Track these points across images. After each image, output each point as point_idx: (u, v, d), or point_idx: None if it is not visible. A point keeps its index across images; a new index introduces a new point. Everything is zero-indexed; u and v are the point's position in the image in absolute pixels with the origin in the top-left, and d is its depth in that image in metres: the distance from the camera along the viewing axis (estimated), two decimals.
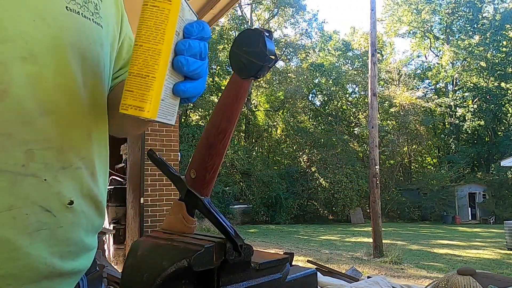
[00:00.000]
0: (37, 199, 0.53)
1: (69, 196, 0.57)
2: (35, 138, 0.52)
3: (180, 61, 0.51)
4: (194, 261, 0.43)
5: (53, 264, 0.56)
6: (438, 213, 24.36)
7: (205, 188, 0.53)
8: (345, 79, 28.89)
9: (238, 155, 22.79)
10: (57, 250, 0.57)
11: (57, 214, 0.55)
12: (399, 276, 7.56)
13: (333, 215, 24.64)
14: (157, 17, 0.51)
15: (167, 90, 0.53)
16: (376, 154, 10.47)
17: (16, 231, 0.51)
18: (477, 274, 1.73)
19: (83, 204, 0.61)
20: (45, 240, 0.54)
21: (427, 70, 33.21)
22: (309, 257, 8.83)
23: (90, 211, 0.63)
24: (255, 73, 0.47)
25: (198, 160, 0.53)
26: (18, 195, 0.51)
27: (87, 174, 0.62)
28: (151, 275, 0.44)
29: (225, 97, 0.51)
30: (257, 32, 0.46)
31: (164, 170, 0.55)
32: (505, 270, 8.12)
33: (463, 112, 30.36)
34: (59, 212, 0.56)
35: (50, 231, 0.55)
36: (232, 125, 0.51)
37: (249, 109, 26.56)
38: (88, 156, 0.62)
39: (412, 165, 31.11)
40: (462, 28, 32.18)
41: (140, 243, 0.49)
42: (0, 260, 0.50)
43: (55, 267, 0.56)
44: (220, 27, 25.34)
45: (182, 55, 0.51)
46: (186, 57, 0.52)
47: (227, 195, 20.99)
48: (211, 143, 0.52)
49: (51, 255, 0.56)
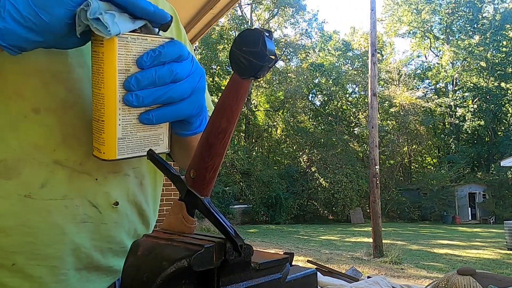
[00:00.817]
0: (87, 194, 0.60)
1: (115, 197, 0.64)
2: None
3: (127, 99, 0.52)
4: (194, 261, 0.43)
5: (93, 256, 0.62)
6: (438, 213, 24.37)
7: (205, 188, 0.53)
8: (345, 79, 28.90)
9: (238, 155, 22.80)
10: (98, 244, 0.63)
11: (102, 211, 0.62)
12: (399, 276, 7.57)
13: (333, 215, 24.66)
14: (96, 62, 0.52)
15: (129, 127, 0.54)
16: (376, 154, 10.47)
17: (66, 218, 0.58)
18: (477, 274, 1.73)
19: (128, 207, 0.67)
20: (89, 232, 0.61)
21: (427, 70, 33.23)
22: (309, 257, 8.83)
23: (133, 216, 0.69)
24: (255, 73, 0.47)
25: (198, 160, 0.53)
26: (72, 188, 0.59)
27: (135, 183, 0.68)
28: (151, 275, 0.44)
29: (225, 97, 0.51)
30: (257, 32, 0.46)
31: (164, 170, 0.55)
32: (505, 270, 8.13)
33: (463, 112, 30.38)
34: (104, 210, 0.62)
35: (94, 225, 0.61)
36: (232, 125, 0.51)
37: (249, 109, 26.57)
38: (139, 168, 0.69)
39: (412, 165, 31.13)
40: (462, 28, 32.20)
41: (140, 243, 0.49)
42: (52, 241, 0.57)
43: (94, 259, 0.63)
44: (220, 27, 25.36)
45: (130, 91, 0.52)
46: (134, 93, 0.51)
47: (227, 195, 21.00)
48: (211, 143, 0.52)
49: (93, 247, 0.62)
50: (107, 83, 0.51)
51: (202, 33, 4.58)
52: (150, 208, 0.74)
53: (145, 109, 0.55)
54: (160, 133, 0.59)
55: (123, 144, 0.54)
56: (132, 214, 0.68)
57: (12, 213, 0.55)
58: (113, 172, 0.63)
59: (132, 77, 0.51)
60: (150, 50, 0.53)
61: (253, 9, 29.13)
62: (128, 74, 0.52)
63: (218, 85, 26.04)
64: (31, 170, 0.56)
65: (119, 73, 0.51)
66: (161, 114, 0.55)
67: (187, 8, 4.10)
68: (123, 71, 0.51)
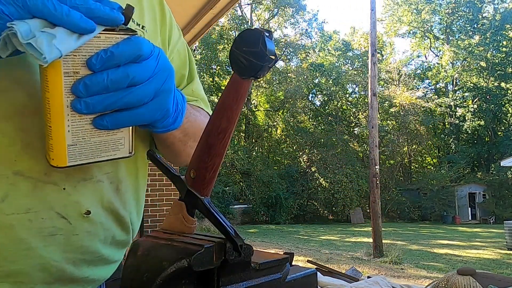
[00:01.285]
0: (54, 205, 0.56)
1: (86, 206, 0.59)
2: None
3: (75, 107, 0.46)
4: (194, 261, 0.43)
5: (65, 268, 0.59)
6: (438, 213, 24.37)
7: (205, 188, 0.53)
8: (345, 79, 28.91)
9: (238, 155, 22.80)
10: (71, 256, 0.59)
11: (73, 222, 0.58)
12: (399, 276, 7.57)
13: (333, 215, 24.66)
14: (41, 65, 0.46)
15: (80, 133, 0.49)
16: (376, 154, 10.48)
17: (31, 233, 0.54)
18: (477, 274, 1.73)
19: (102, 215, 0.63)
20: (59, 245, 0.57)
21: (427, 70, 33.23)
22: (309, 257, 8.83)
23: (109, 223, 0.65)
24: (255, 73, 0.47)
25: (198, 160, 0.53)
26: (36, 200, 0.54)
27: (110, 188, 0.64)
28: (151, 275, 0.44)
29: (225, 97, 0.50)
30: (257, 32, 0.46)
31: (164, 170, 0.55)
32: (505, 270, 8.13)
33: (463, 112, 30.38)
34: (75, 220, 0.58)
35: (65, 237, 0.58)
36: (232, 125, 0.51)
37: (249, 109, 26.57)
38: (114, 173, 0.64)
39: (412, 165, 31.13)
40: (462, 28, 32.20)
41: (140, 243, 0.49)
42: (16, 257, 0.54)
43: (67, 272, 0.59)
44: (220, 27, 25.36)
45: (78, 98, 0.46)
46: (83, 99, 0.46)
47: (227, 195, 21.00)
48: (211, 143, 0.52)
49: (64, 260, 0.58)
50: (52, 87, 0.46)
51: (202, 33, 4.57)
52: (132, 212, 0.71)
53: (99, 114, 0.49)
54: (119, 138, 0.54)
55: (74, 151, 0.50)
56: (108, 221, 0.64)
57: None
58: (83, 180, 0.59)
59: (80, 82, 0.46)
60: (101, 50, 0.47)
61: (253, 9, 29.14)
62: (77, 77, 0.46)
63: (218, 85, 26.04)
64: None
65: (66, 77, 0.46)
66: (117, 120, 0.50)
67: (187, 8, 4.10)
68: (70, 74, 0.46)
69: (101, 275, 0.67)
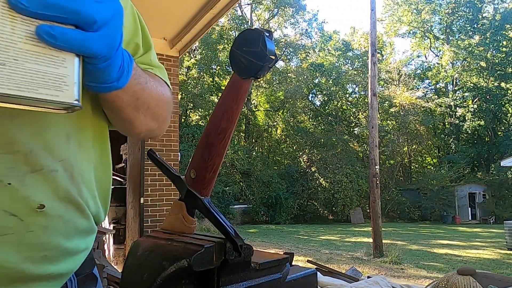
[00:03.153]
0: (1, 204, 0.51)
1: (38, 200, 0.55)
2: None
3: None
4: (194, 261, 0.44)
5: (24, 269, 0.54)
6: (438, 213, 24.37)
7: (205, 188, 0.53)
8: (345, 79, 28.91)
9: (238, 155, 22.80)
10: (28, 255, 0.55)
11: (25, 218, 0.53)
12: (399, 276, 7.56)
13: (333, 215, 24.66)
14: None
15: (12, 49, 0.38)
16: (376, 154, 10.47)
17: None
18: (477, 274, 1.73)
19: (60, 207, 0.58)
20: (12, 244, 0.53)
21: (427, 70, 33.22)
22: (309, 257, 8.83)
23: (69, 214, 0.60)
24: (255, 73, 0.47)
25: (198, 160, 0.53)
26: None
27: (65, 176, 0.58)
28: (151, 275, 0.44)
29: (225, 97, 0.50)
30: (257, 32, 0.46)
31: (164, 170, 0.55)
32: (505, 270, 8.13)
33: (463, 112, 30.38)
34: (27, 217, 0.54)
35: (18, 236, 0.53)
36: (232, 125, 0.51)
37: (249, 109, 26.57)
38: (68, 159, 0.59)
39: (412, 165, 31.12)
40: (462, 28, 32.20)
41: (140, 243, 0.49)
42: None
43: (26, 271, 0.55)
44: (220, 27, 25.35)
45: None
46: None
47: (227, 195, 20.99)
48: (211, 143, 0.52)
49: (21, 260, 0.54)
50: None
51: (202, 33, 4.58)
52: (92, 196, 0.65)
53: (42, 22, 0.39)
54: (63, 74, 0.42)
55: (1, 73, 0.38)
56: (68, 212, 0.59)
57: None
58: (30, 172, 0.53)
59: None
60: None
61: (253, 9, 29.13)
62: None
63: (218, 85, 26.03)
64: None
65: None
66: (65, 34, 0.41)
67: (187, 8, 4.11)
68: None
69: (68, 268, 0.62)
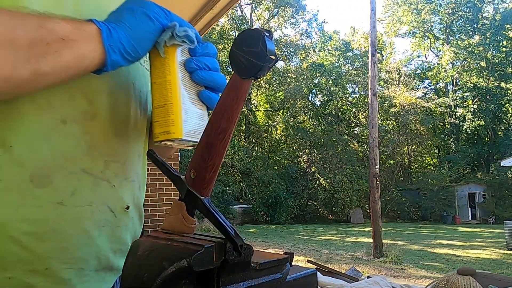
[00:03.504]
0: (107, 200, 0.65)
1: (127, 202, 0.69)
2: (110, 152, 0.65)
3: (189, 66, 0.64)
4: (194, 261, 0.43)
5: (109, 257, 0.67)
6: (438, 213, 24.37)
7: (205, 188, 0.53)
8: (345, 79, 28.90)
9: (238, 155, 22.80)
10: (114, 246, 0.67)
11: (117, 215, 0.67)
12: (399, 276, 7.57)
13: (333, 215, 24.65)
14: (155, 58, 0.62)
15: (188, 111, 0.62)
16: (376, 154, 10.47)
17: (91, 224, 0.62)
18: (477, 274, 1.73)
19: (134, 211, 0.72)
20: (108, 235, 0.65)
21: (427, 70, 33.23)
22: (309, 257, 8.84)
23: (136, 218, 0.74)
24: (255, 73, 0.47)
25: (198, 160, 0.53)
26: (96, 195, 0.63)
27: (137, 187, 0.74)
28: (151, 275, 0.44)
29: (225, 97, 0.51)
30: (257, 32, 0.46)
31: (164, 170, 0.55)
32: (505, 270, 8.13)
33: (463, 112, 30.38)
34: (119, 214, 0.67)
35: (111, 229, 0.66)
36: (232, 125, 0.51)
37: (249, 109, 26.57)
38: (139, 173, 0.75)
39: (412, 165, 31.13)
40: (462, 28, 32.21)
41: (140, 243, 0.49)
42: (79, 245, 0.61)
43: (110, 260, 0.67)
44: (220, 27, 25.35)
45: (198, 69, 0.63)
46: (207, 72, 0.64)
47: (227, 195, 20.99)
48: (211, 143, 0.52)
49: (110, 249, 0.66)
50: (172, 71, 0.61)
51: (202, 33, 4.57)
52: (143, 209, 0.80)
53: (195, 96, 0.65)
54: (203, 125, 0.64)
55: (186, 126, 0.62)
56: (135, 216, 0.73)
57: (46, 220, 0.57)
58: (125, 179, 0.68)
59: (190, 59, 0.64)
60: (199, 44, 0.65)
61: (253, 9, 29.14)
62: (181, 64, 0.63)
63: None
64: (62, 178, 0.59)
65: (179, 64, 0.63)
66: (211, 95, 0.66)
67: (187, 8, 4.10)
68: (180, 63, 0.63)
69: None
